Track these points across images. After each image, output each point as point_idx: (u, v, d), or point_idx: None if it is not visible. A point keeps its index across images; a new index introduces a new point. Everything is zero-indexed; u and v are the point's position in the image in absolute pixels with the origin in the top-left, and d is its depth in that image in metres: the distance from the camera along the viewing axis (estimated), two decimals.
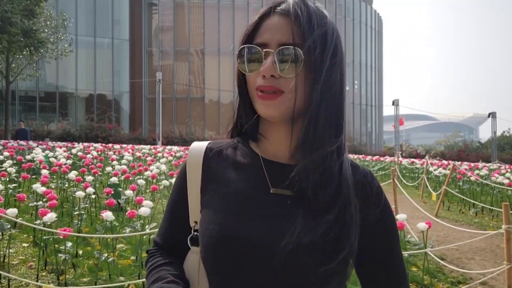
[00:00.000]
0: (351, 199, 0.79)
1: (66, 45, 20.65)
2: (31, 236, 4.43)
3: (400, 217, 3.91)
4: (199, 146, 0.90)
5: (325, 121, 0.78)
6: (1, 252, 3.80)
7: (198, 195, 0.86)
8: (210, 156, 0.88)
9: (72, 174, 6.07)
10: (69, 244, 3.65)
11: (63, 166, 6.99)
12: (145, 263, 0.92)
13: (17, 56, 19.06)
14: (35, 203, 4.78)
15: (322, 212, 0.76)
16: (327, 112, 0.78)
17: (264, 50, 0.78)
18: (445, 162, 13.85)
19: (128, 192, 5.37)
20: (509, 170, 11.31)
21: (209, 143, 0.91)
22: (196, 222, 0.86)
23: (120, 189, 6.20)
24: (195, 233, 0.86)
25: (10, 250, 3.84)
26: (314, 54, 0.76)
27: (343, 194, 0.79)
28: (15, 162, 7.56)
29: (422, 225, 3.67)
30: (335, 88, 0.79)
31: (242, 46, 0.81)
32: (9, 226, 3.74)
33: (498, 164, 15.14)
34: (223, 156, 0.88)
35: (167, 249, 0.91)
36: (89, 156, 9.60)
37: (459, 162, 14.67)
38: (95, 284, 3.40)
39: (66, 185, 6.63)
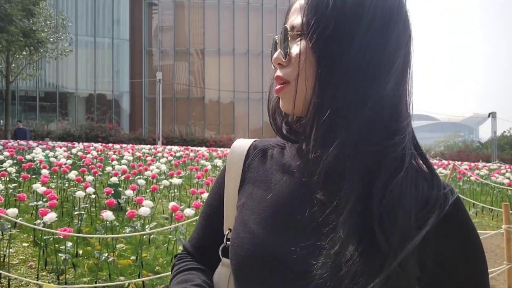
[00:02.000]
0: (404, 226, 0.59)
1: (66, 45, 20.68)
2: (31, 236, 4.43)
3: None
4: (242, 143, 0.80)
5: (331, 118, 0.60)
6: (1, 252, 3.80)
7: (235, 198, 0.75)
8: (253, 155, 0.77)
9: (72, 174, 6.07)
10: (69, 244, 3.64)
11: (63, 166, 6.98)
12: (172, 267, 0.83)
13: (17, 56, 19.07)
14: (35, 203, 4.78)
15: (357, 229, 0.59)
16: (333, 105, 0.60)
17: (275, 37, 0.70)
18: (445, 162, 13.84)
19: (128, 192, 5.37)
20: (509, 170, 11.32)
21: (254, 141, 0.80)
22: (230, 230, 0.75)
23: (120, 189, 6.20)
24: (228, 242, 0.74)
25: (10, 250, 3.84)
26: (315, 30, 0.61)
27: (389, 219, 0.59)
28: (15, 161, 7.56)
29: None
30: (354, 73, 0.60)
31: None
32: (9, 226, 3.74)
33: (498, 164, 15.14)
34: (267, 156, 0.76)
35: (197, 257, 0.81)
36: (89, 156, 9.60)
37: (459, 162, 14.67)
38: (95, 284, 3.40)
39: (66, 185, 6.63)
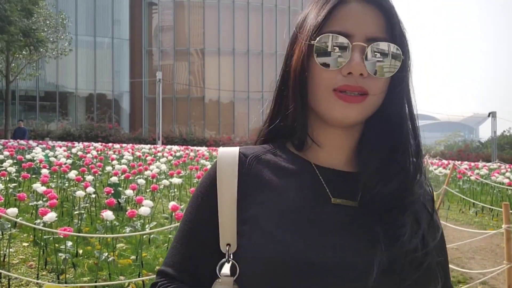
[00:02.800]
0: (427, 208, 0.71)
1: (66, 45, 20.67)
2: (31, 236, 4.43)
3: None
4: (230, 151, 0.74)
5: (407, 125, 0.72)
6: (2, 252, 3.80)
7: (234, 210, 0.70)
8: (248, 162, 0.73)
9: (72, 174, 6.08)
10: (69, 243, 3.65)
11: (63, 165, 6.99)
12: None
13: (17, 56, 19.06)
14: (35, 202, 4.79)
15: (400, 224, 0.66)
16: (408, 114, 0.73)
17: (353, 43, 0.66)
18: (445, 161, 13.84)
19: (128, 192, 5.37)
20: (509, 169, 11.31)
21: (240, 148, 0.75)
22: (229, 245, 0.69)
23: (120, 189, 6.20)
24: (230, 258, 0.69)
25: (10, 250, 3.84)
26: (407, 53, 0.70)
27: (419, 203, 0.70)
28: (15, 161, 7.57)
29: None
30: (412, 90, 0.73)
31: (325, 34, 0.67)
32: (9, 226, 3.74)
33: (498, 164, 15.13)
34: (263, 162, 0.73)
35: (184, 279, 0.72)
36: (89, 155, 9.60)
37: (459, 162, 14.67)
38: (95, 283, 3.40)
39: (66, 184, 6.63)
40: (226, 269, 0.70)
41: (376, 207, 0.67)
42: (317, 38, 0.67)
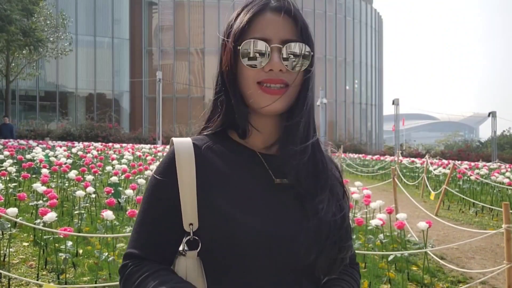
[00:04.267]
0: (338, 183, 0.89)
1: (66, 44, 20.67)
2: (31, 235, 4.43)
3: (400, 216, 3.91)
4: (184, 142, 0.84)
5: (312, 117, 0.88)
6: (2, 252, 3.80)
7: (194, 195, 0.80)
8: (202, 152, 0.84)
9: (72, 174, 6.07)
10: (70, 243, 3.64)
11: (63, 165, 6.98)
12: (125, 277, 0.81)
13: (17, 55, 19.06)
14: (35, 202, 4.78)
15: (320, 200, 0.83)
16: (312, 108, 0.88)
17: (271, 45, 0.80)
18: (445, 161, 13.84)
19: (128, 192, 5.36)
20: (509, 169, 11.31)
21: (192, 139, 0.86)
22: (191, 224, 0.80)
23: (120, 188, 6.20)
24: (194, 236, 0.80)
25: (11, 249, 3.84)
26: (313, 52, 0.84)
27: (332, 177, 0.88)
28: (15, 161, 7.56)
29: (422, 225, 3.68)
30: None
31: (248, 40, 0.81)
32: (9, 226, 3.74)
33: (498, 164, 15.13)
34: (215, 152, 0.85)
35: (152, 258, 0.82)
36: (89, 155, 9.59)
37: (459, 162, 14.66)
38: (95, 283, 3.40)
39: (66, 184, 6.63)
40: (189, 244, 0.81)
41: (304, 183, 0.83)
42: (242, 43, 0.81)
